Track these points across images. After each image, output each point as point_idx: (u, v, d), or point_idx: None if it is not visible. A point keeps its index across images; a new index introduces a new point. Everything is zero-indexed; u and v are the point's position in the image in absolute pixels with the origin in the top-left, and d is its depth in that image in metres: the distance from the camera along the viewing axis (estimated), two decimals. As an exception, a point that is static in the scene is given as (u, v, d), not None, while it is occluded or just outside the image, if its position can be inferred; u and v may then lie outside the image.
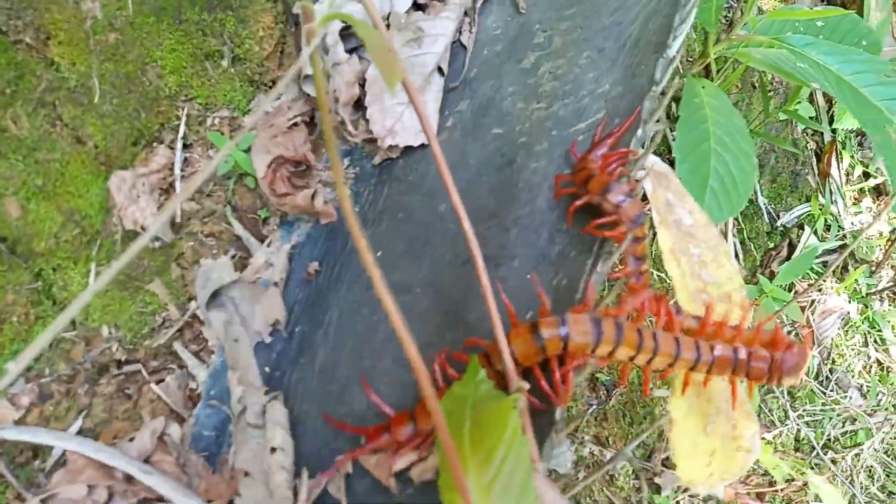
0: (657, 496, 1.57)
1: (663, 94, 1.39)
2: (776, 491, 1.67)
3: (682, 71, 1.63)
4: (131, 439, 0.91)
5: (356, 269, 1.00)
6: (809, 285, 2.34)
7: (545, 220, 0.90)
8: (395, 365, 0.92)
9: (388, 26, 1.02)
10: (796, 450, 2.06)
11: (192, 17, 0.97)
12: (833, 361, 2.33)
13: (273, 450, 0.90)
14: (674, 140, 1.20)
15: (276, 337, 0.99)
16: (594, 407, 1.61)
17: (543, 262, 0.87)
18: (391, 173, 1.04)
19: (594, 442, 1.60)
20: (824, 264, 2.42)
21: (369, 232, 1.01)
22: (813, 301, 2.26)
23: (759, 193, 2.20)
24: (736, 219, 2.13)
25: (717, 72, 1.48)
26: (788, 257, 2.30)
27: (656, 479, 1.58)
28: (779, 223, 2.31)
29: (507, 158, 0.96)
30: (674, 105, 1.54)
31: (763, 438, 1.91)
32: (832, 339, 2.27)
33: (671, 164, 1.23)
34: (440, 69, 1.02)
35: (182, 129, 0.99)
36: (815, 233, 2.34)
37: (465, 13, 1.11)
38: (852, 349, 2.36)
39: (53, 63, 0.91)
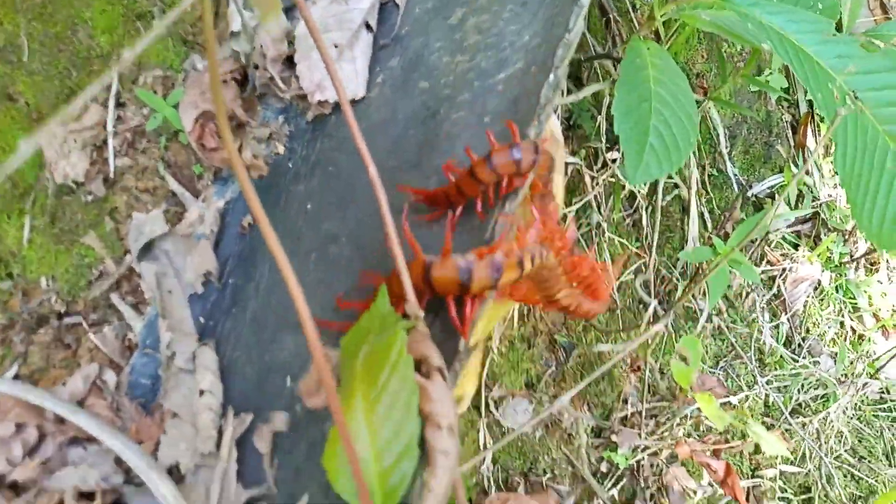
0: (614, 454, 1.59)
1: (600, 56, 1.40)
2: (731, 447, 1.69)
3: (625, 35, 1.64)
4: (65, 383, 0.94)
5: (288, 223, 1.02)
6: (783, 254, 2.35)
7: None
8: (321, 310, 0.94)
9: (316, -17, 1.04)
10: (766, 415, 2.08)
11: (121, -26, 0.99)
12: (807, 330, 2.34)
13: (202, 392, 0.93)
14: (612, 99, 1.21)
15: (210, 288, 1.02)
16: (552, 368, 1.63)
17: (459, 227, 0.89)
18: (324, 129, 1.06)
19: (552, 402, 1.62)
20: (798, 234, 2.43)
21: (302, 186, 1.04)
22: (784, 269, 2.27)
23: (728, 164, 2.21)
24: (704, 188, 2.14)
25: (667, 36, 1.49)
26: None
27: (613, 437, 1.61)
28: (750, 193, 2.32)
29: (431, 111, 0.98)
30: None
31: (728, 403, 1.93)
32: (804, 307, 2.28)
33: (593, 123, 1.24)
34: (368, 25, 1.04)
35: (114, 87, 1.01)
36: (788, 202, 2.35)
37: (400, -28, 1.12)
38: (827, 318, 2.38)
39: (-18, 20, 0.93)
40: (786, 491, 1.99)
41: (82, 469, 0.88)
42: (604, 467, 1.63)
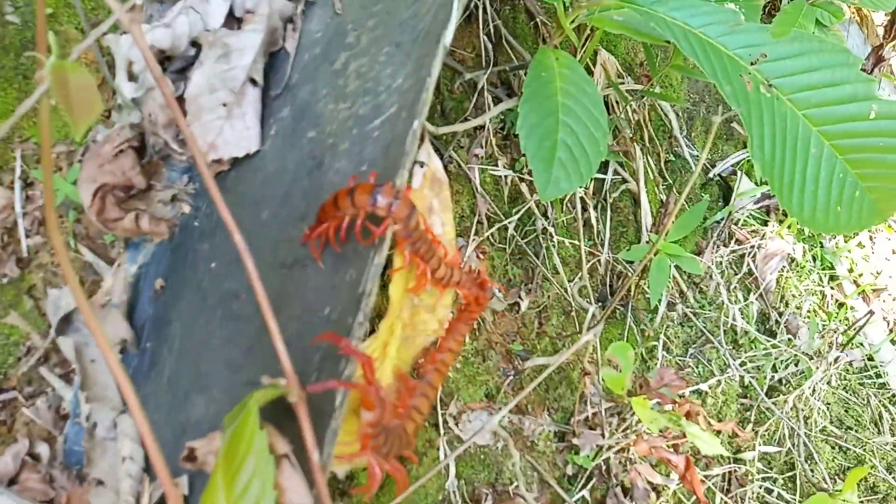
0: (577, 456, 1.61)
1: (523, 66, 1.41)
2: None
3: (536, 46, 1.64)
4: (-4, 463, 0.98)
5: (195, 281, 1.05)
6: (752, 231, 2.34)
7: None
8: (226, 369, 0.97)
9: (199, 46, 1.06)
10: (743, 396, 2.08)
11: (9, 63, 1.02)
12: (786, 304, 2.33)
13: (123, 459, 0.96)
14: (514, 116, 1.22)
15: (128, 355, 1.05)
16: (511, 377, 1.65)
17: (340, 258, 0.91)
18: (224, 185, 1.09)
19: (513, 411, 1.64)
20: (767, 210, 2.41)
21: (206, 244, 1.06)
22: (753, 247, 2.26)
23: (685, 147, 2.19)
24: (661, 175, 2.13)
25: (581, 41, 1.49)
26: (727, 204, 2.30)
27: (574, 440, 1.62)
28: (712, 173, 2.30)
29: (317, 161, 1.00)
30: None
31: (699, 391, 1.93)
32: (776, 283, 2.27)
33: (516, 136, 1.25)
34: (253, 80, 1.06)
35: (18, 168, 1.05)
36: (752, 178, 2.33)
37: (290, 19, 1.14)
38: (805, 290, 2.36)
39: None
40: (770, 471, 1.99)
41: (15, 544, 0.93)
42: (570, 469, 1.64)
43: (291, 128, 1.05)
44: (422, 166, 0.94)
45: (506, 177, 1.66)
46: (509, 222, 1.64)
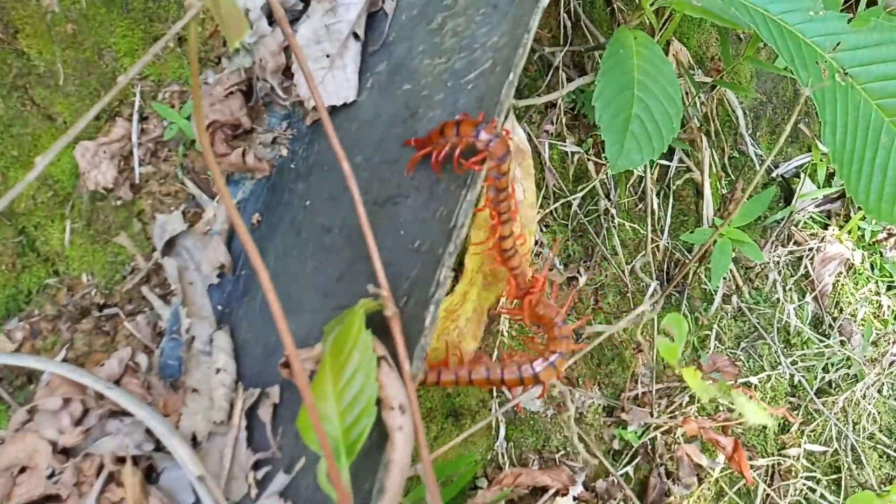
0: (624, 431, 1.65)
1: (599, 47, 1.46)
2: (740, 423, 1.72)
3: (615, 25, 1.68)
4: (103, 365, 1.08)
5: (290, 217, 1.13)
6: (811, 234, 2.33)
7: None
8: (316, 294, 1.05)
9: (307, 3, 1.15)
10: (792, 395, 2.08)
11: (138, 5, 1.12)
12: (840, 310, 2.32)
13: (217, 371, 1.05)
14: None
15: (224, 279, 1.14)
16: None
17: (431, 197, 0.98)
18: (321, 132, 1.17)
19: (564, 382, 1.69)
20: (828, 214, 2.40)
21: (301, 184, 1.15)
22: (811, 249, 2.25)
23: (750, 145, 2.20)
24: (724, 171, 2.15)
25: (660, 24, 1.53)
26: (788, 206, 2.30)
27: (623, 416, 1.66)
28: (775, 173, 2.31)
29: (411, 111, 1.07)
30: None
31: (748, 383, 1.95)
32: (833, 287, 2.26)
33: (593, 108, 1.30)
34: (356, 35, 1.14)
35: (137, 103, 1.15)
36: (816, 182, 2.32)
37: (389, -18, 1.22)
38: (861, 297, 2.34)
39: (23, 53, 1.08)
40: (814, 470, 1.99)
41: (119, 438, 1.02)
42: (617, 445, 1.68)
43: (387, 81, 1.13)
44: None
45: (573, 154, 1.71)
46: (573, 198, 1.69)
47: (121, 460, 1.01)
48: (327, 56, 1.13)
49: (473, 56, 1.05)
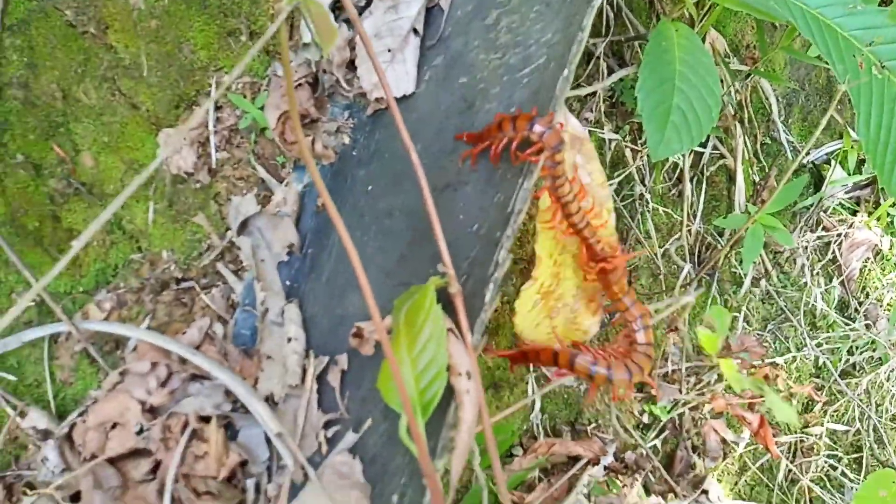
0: (653, 406, 1.74)
1: (638, 37, 1.52)
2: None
3: (668, 12, 1.73)
4: (185, 333, 1.19)
5: (353, 200, 1.22)
6: (840, 220, 2.37)
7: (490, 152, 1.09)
8: (380, 273, 1.14)
9: (369, 2, 1.23)
10: (816, 376, 2.15)
11: (215, 2, 1.21)
12: (867, 295, 2.37)
13: (289, 340, 1.16)
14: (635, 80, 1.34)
15: (293, 257, 1.24)
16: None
17: (489, 184, 1.06)
18: (381, 122, 1.25)
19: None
20: (857, 200, 2.44)
21: (363, 171, 1.24)
22: (839, 235, 2.30)
23: (781, 131, 2.24)
24: (756, 157, 2.20)
25: (699, 16, 1.58)
26: (817, 192, 2.34)
27: (653, 392, 1.75)
28: (806, 160, 2.35)
29: (468, 103, 1.15)
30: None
31: (774, 363, 2.02)
32: (860, 272, 2.31)
33: (635, 100, 1.37)
34: (415, 30, 1.22)
35: (213, 93, 1.24)
36: (846, 168, 2.36)
37: (445, -21, 1.29)
38: (888, 282, 2.39)
39: (112, 47, 1.17)
40: (836, 449, 2.06)
41: (200, 399, 1.13)
42: (646, 419, 1.77)
43: (444, 74, 1.21)
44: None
45: (611, 141, 1.77)
46: (610, 184, 1.76)
47: (204, 419, 1.12)
48: (389, 51, 1.21)
49: (528, 52, 1.12)
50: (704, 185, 1.96)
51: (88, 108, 1.17)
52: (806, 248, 2.26)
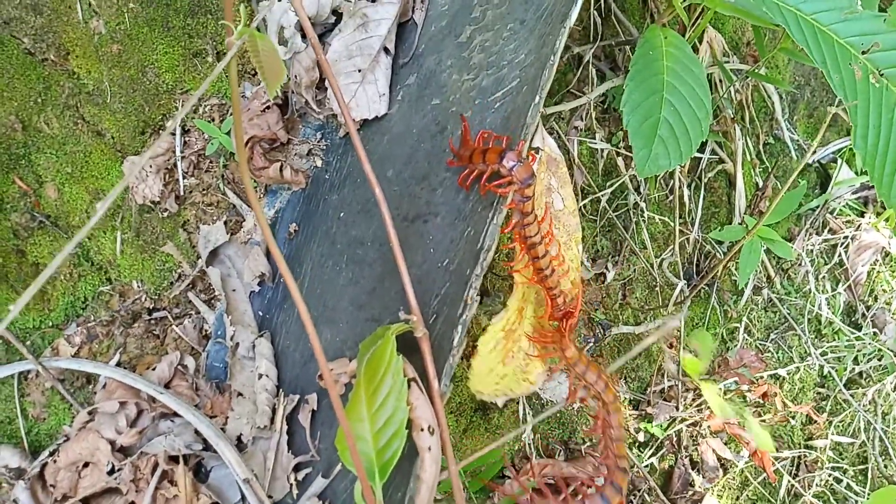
0: (649, 425, 1.69)
1: (628, 42, 1.46)
2: (763, 421, 1.74)
3: (661, 14, 1.66)
4: (154, 368, 1.16)
5: (325, 227, 1.18)
6: (847, 221, 2.30)
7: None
8: (350, 306, 1.10)
9: (338, 14, 1.18)
10: (822, 385, 2.08)
11: (178, 23, 1.16)
12: (875, 298, 2.29)
13: (259, 376, 1.12)
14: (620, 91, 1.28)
15: (264, 287, 1.20)
16: (591, 344, 1.73)
17: (459, 216, 1.01)
18: (353, 143, 1.20)
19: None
20: (864, 201, 2.36)
21: (335, 195, 1.19)
22: (846, 237, 2.22)
23: (785, 130, 2.17)
24: (759, 157, 2.12)
25: (691, 23, 1.51)
26: (823, 192, 2.27)
27: (649, 409, 1.70)
28: (811, 159, 2.27)
29: (440, 126, 1.10)
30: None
31: (776, 375, 1.96)
32: (867, 276, 2.23)
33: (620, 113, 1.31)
34: (386, 49, 1.16)
35: (179, 117, 1.20)
36: (853, 167, 2.28)
37: (419, -8, 1.24)
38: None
39: (73, 73, 1.13)
40: (842, 460, 2.00)
41: (170, 438, 1.10)
42: (641, 437, 1.72)
43: (417, 94, 1.16)
44: (538, 151, 1.02)
45: (602, 150, 1.71)
46: (602, 195, 1.70)
47: (174, 459, 1.09)
48: (359, 71, 1.16)
49: (501, 73, 1.07)
50: (703, 192, 1.89)
51: (51, 138, 1.13)
52: (811, 251, 2.19)
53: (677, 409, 1.72)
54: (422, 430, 0.78)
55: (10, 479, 1.16)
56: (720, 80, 1.95)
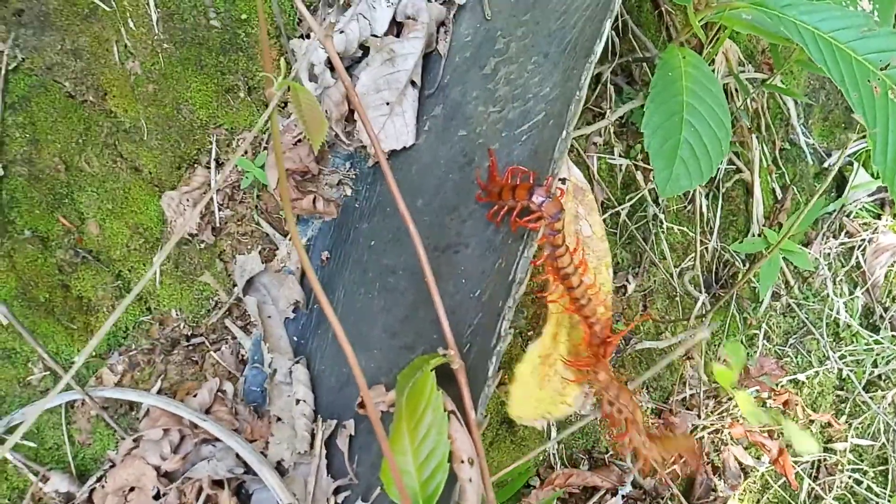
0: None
1: (646, 59, 1.48)
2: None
3: (678, 28, 1.68)
4: (196, 395, 1.21)
5: (356, 255, 1.22)
6: (864, 224, 2.31)
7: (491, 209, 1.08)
8: (384, 333, 1.14)
9: (365, 48, 1.21)
10: (841, 388, 2.10)
11: (210, 61, 1.20)
12: (893, 299, 2.30)
13: (297, 401, 1.16)
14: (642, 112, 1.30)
15: (299, 313, 1.25)
16: (614, 355, 1.77)
17: (489, 248, 1.05)
18: (382, 174, 1.24)
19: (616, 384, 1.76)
20: (881, 203, 2.37)
21: (366, 224, 1.23)
22: (864, 240, 2.24)
23: (801, 135, 2.18)
24: (775, 164, 2.14)
25: (708, 40, 1.53)
26: (840, 195, 2.28)
27: (671, 418, 1.73)
28: (828, 163, 2.28)
29: (468, 158, 1.14)
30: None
31: (796, 380, 1.98)
32: (885, 278, 2.25)
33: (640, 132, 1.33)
34: (413, 82, 1.20)
35: (214, 151, 1.24)
36: (869, 170, 2.29)
37: (442, 23, 1.27)
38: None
39: (111, 113, 1.18)
40: (861, 462, 2.03)
41: (213, 463, 1.15)
42: (665, 444, 1.75)
43: (443, 126, 1.19)
44: (564, 182, 1.05)
45: (621, 164, 1.74)
46: (622, 209, 1.73)
47: (217, 483, 1.14)
48: (387, 104, 1.19)
49: (527, 106, 1.10)
50: (721, 201, 1.91)
51: (91, 177, 1.18)
52: (828, 255, 2.20)
53: (699, 417, 1.75)
54: (462, 461, 0.81)
55: (60, 503, 1.21)
56: (736, 91, 1.97)
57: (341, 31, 1.19)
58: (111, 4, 1.13)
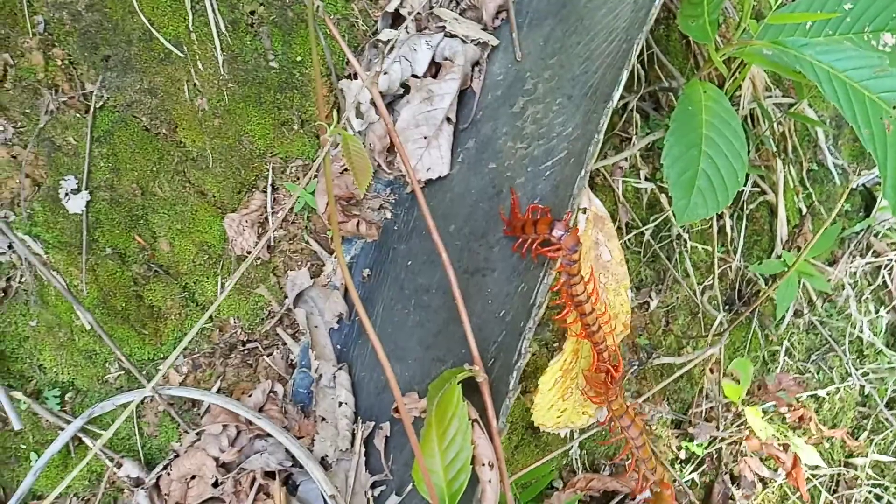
0: (690, 443, 1.80)
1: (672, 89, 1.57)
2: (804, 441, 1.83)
3: (706, 56, 1.76)
4: (251, 395, 1.35)
5: (394, 274, 1.35)
6: (891, 244, 2.34)
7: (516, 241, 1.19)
8: (418, 346, 1.27)
9: (405, 86, 1.34)
10: (862, 405, 2.15)
11: (269, 98, 1.34)
12: (923, 318, 2.33)
13: (340, 404, 1.30)
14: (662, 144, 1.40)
15: (342, 324, 1.38)
16: (636, 367, 1.86)
17: (514, 273, 1.16)
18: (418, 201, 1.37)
19: (634, 397, 1.86)
20: (910, 222, 2.39)
21: (404, 245, 1.36)
22: (891, 260, 2.27)
23: (828, 156, 2.23)
24: (802, 184, 2.19)
25: (730, 73, 1.61)
26: (868, 215, 2.32)
27: (690, 430, 1.82)
28: (856, 184, 2.32)
29: (497, 189, 1.25)
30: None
31: (816, 396, 2.04)
32: (913, 297, 2.27)
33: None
34: (448, 119, 1.32)
35: (270, 178, 1.39)
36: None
37: (477, 63, 1.39)
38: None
39: (181, 143, 1.33)
40: (882, 478, 2.07)
41: (265, 456, 1.29)
42: (683, 454, 1.84)
43: (475, 158, 1.31)
44: (584, 212, 1.16)
45: (646, 187, 1.83)
46: (646, 229, 1.82)
47: (269, 475, 1.28)
48: (424, 138, 1.32)
49: (550, 144, 1.21)
50: (745, 222, 1.98)
51: (163, 200, 1.34)
52: (854, 273, 2.25)
53: (718, 428, 1.83)
54: (483, 464, 0.93)
55: (131, 486, 1.37)
56: (762, 115, 2.03)
57: (385, 73, 1.33)
58: (183, 50, 1.28)
